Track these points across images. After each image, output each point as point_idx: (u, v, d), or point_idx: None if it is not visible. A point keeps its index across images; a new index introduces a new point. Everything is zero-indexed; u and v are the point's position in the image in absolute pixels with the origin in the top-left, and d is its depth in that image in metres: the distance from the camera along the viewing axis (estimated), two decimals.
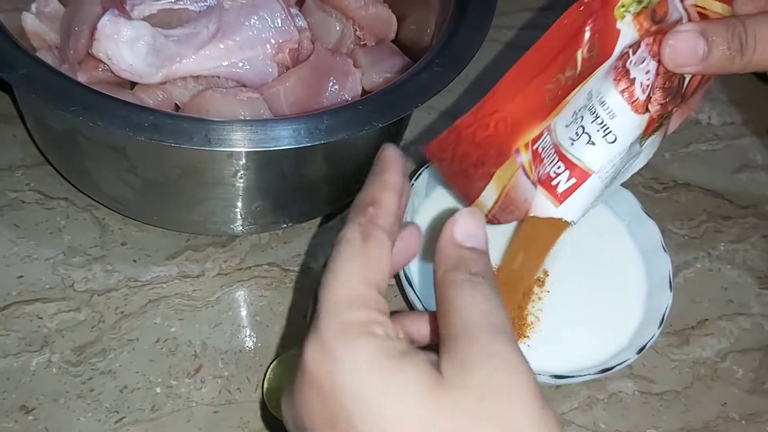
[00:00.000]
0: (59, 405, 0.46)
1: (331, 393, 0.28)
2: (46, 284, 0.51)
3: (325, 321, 0.29)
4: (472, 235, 0.32)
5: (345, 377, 0.28)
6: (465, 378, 0.28)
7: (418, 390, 0.27)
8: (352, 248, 0.30)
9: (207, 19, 0.54)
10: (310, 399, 0.29)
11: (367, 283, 0.30)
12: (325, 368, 0.28)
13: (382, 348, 0.28)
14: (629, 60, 0.35)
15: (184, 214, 0.50)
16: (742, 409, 0.51)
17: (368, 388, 0.28)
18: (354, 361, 0.28)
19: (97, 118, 0.40)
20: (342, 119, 0.43)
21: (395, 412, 0.27)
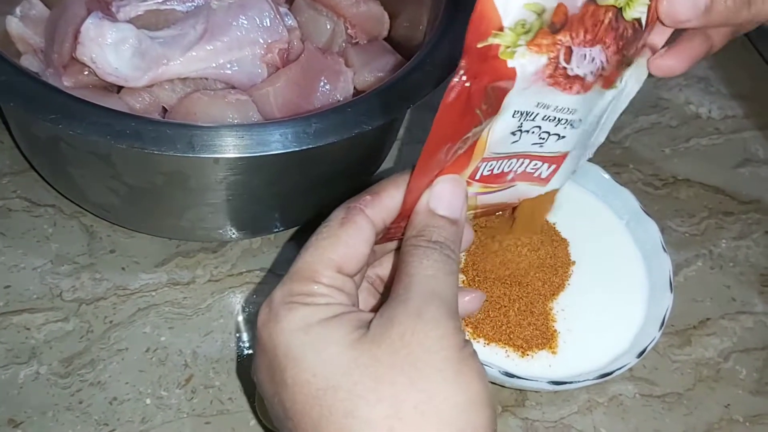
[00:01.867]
0: (48, 418, 0.45)
1: (270, 350, 0.31)
2: (33, 294, 0.50)
3: (279, 289, 0.32)
4: (446, 204, 0.33)
5: (280, 336, 0.31)
6: (385, 333, 0.30)
7: (338, 345, 0.30)
8: (327, 229, 0.33)
9: (194, 20, 0.53)
10: (258, 356, 0.33)
11: (327, 262, 0.32)
12: (267, 328, 0.31)
13: (315, 312, 0.31)
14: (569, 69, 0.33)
15: (173, 220, 0.49)
16: (746, 411, 0.50)
17: (295, 345, 0.30)
18: (290, 323, 0.31)
19: (78, 126, 0.39)
20: (331, 122, 0.42)
21: (315, 365, 0.30)
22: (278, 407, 0.31)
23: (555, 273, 0.50)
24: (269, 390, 0.32)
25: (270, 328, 0.31)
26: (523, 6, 0.29)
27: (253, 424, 0.46)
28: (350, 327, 0.30)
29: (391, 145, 0.56)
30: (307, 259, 0.32)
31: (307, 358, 0.30)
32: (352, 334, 0.30)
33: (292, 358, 0.30)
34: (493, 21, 0.29)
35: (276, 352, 0.31)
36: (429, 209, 0.33)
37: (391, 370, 0.29)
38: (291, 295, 0.32)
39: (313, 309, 0.31)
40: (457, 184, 0.34)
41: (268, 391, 0.32)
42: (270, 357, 0.31)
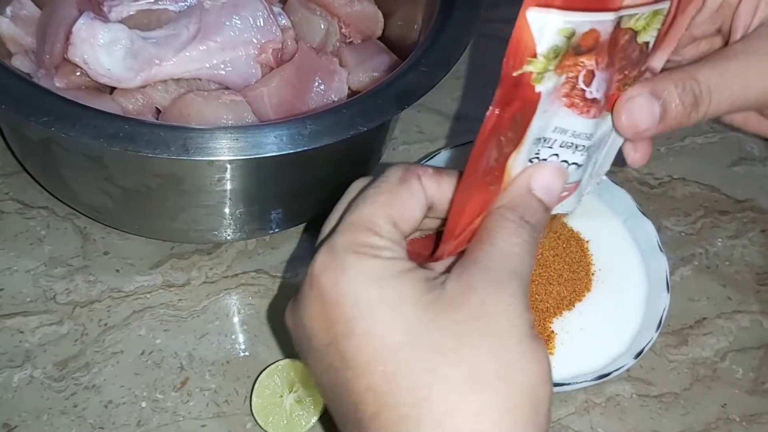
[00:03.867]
0: (42, 422, 0.45)
1: (334, 299, 0.30)
2: (27, 297, 0.50)
3: (341, 236, 0.31)
4: (546, 188, 0.33)
5: (348, 285, 0.30)
6: (466, 297, 0.29)
7: (414, 303, 0.29)
8: (386, 185, 0.32)
9: (187, 20, 0.53)
10: (312, 304, 0.31)
11: (387, 217, 0.32)
12: (331, 276, 0.30)
13: (386, 266, 0.30)
14: (587, 92, 0.33)
15: (167, 222, 0.49)
16: (742, 410, 0.50)
17: (369, 297, 0.29)
18: (359, 273, 0.30)
19: (70, 129, 0.38)
20: (326, 124, 0.42)
21: (392, 319, 0.29)
22: (334, 357, 0.30)
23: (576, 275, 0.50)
24: (323, 339, 0.31)
25: (335, 276, 0.30)
26: (557, 32, 0.29)
27: (249, 427, 0.46)
28: (423, 286, 0.30)
29: (386, 145, 0.56)
30: (366, 211, 0.32)
31: (382, 313, 0.29)
32: (426, 294, 0.30)
33: (363, 309, 0.29)
34: (528, 48, 0.29)
35: (342, 301, 0.30)
36: (528, 188, 0.33)
37: (471, 334, 0.29)
38: (355, 244, 0.31)
39: (382, 262, 0.30)
40: (560, 175, 0.34)
41: (321, 340, 0.31)
42: (331, 305, 0.30)
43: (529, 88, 0.30)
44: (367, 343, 0.29)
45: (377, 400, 0.29)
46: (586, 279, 0.51)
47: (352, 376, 0.30)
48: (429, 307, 0.29)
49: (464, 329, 0.29)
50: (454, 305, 0.29)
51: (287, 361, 0.48)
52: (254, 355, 0.49)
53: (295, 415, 0.46)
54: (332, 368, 0.31)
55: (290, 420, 0.45)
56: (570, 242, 0.52)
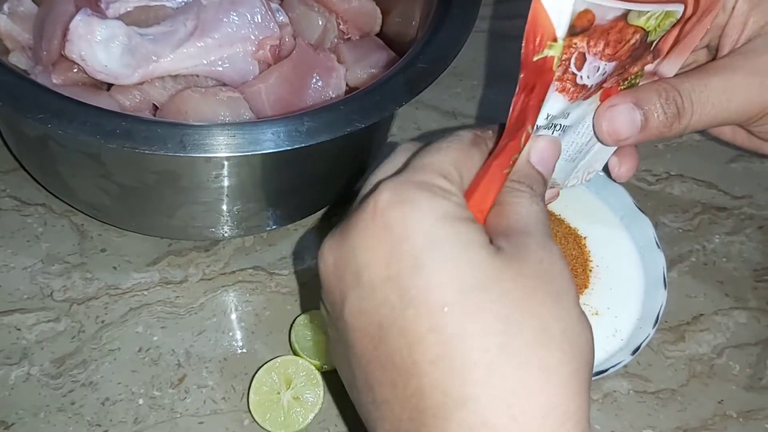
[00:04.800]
0: (39, 419, 0.45)
1: (401, 231, 0.29)
2: (24, 294, 0.50)
3: (412, 173, 0.30)
4: (543, 161, 0.34)
5: (419, 220, 0.29)
6: (524, 255, 0.29)
7: (485, 249, 0.29)
8: (459, 143, 0.32)
9: (184, 17, 0.53)
10: (374, 236, 0.29)
11: (457, 167, 0.31)
12: (400, 209, 0.29)
13: (455, 209, 0.29)
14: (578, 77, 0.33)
15: (164, 219, 0.49)
16: (739, 406, 0.50)
17: (440, 234, 0.28)
18: (430, 210, 0.29)
19: (67, 126, 0.38)
20: (323, 121, 0.42)
21: (463, 260, 0.28)
22: (391, 292, 0.28)
23: (573, 272, 0.50)
24: (381, 273, 0.29)
25: (404, 209, 0.29)
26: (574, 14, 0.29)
27: (247, 424, 0.46)
28: (487, 237, 0.30)
29: (383, 141, 0.56)
30: (440, 158, 0.31)
31: (456, 251, 0.28)
32: (490, 246, 0.29)
33: (434, 246, 0.28)
34: (547, 32, 0.29)
35: (411, 236, 0.28)
36: (528, 161, 0.34)
37: (537, 290, 0.29)
38: (428, 183, 0.30)
39: (452, 204, 0.29)
40: (554, 146, 0.35)
41: (377, 274, 0.29)
42: (397, 239, 0.29)
43: (550, 72, 0.30)
44: (436, 281, 0.28)
45: (443, 343, 0.27)
46: (583, 275, 0.51)
47: (414, 315, 0.28)
48: (497, 256, 0.29)
49: (531, 284, 0.29)
50: (518, 259, 0.29)
51: (284, 358, 0.48)
52: (251, 352, 0.49)
53: (293, 412, 0.46)
54: (386, 305, 0.29)
55: (288, 416, 0.45)
56: (568, 239, 0.52)
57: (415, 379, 0.28)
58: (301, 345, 0.48)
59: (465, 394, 0.27)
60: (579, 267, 0.51)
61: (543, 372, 0.27)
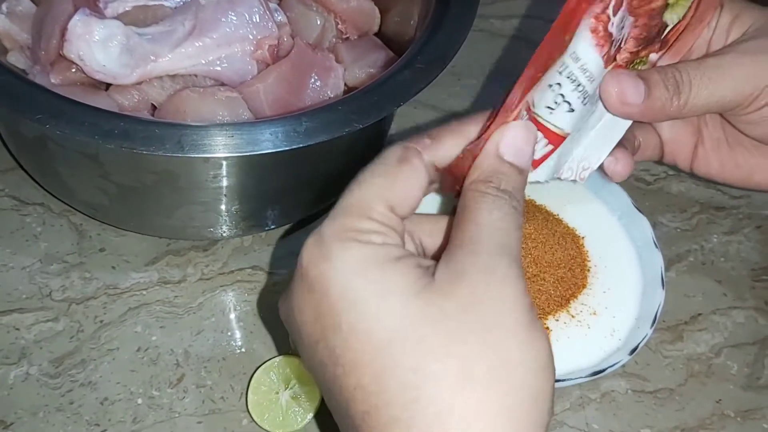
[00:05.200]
0: (38, 419, 0.45)
1: (320, 290, 0.29)
2: (22, 294, 0.50)
3: (330, 223, 0.30)
4: (517, 150, 0.32)
5: (334, 276, 0.28)
6: (455, 286, 0.28)
7: (402, 294, 0.28)
8: (384, 167, 0.31)
9: (183, 16, 0.53)
10: (302, 295, 0.30)
11: (382, 199, 0.30)
12: (317, 266, 0.29)
13: (375, 254, 0.29)
14: (610, 23, 0.33)
15: (163, 219, 0.49)
16: (737, 406, 0.50)
17: (355, 288, 0.28)
18: (345, 263, 0.28)
19: (65, 126, 0.38)
20: (322, 121, 0.42)
21: (378, 313, 0.28)
22: (323, 352, 0.29)
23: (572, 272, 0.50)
24: (312, 334, 0.29)
25: (321, 267, 0.29)
26: None
27: (245, 423, 0.46)
28: (413, 274, 0.28)
29: (381, 141, 0.56)
30: (361, 194, 0.30)
31: (369, 305, 0.28)
32: (416, 282, 0.28)
33: (349, 302, 0.28)
34: None
35: (328, 293, 0.28)
36: (497, 154, 0.31)
37: (461, 327, 0.27)
38: (344, 230, 0.29)
39: (370, 249, 0.29)
40: (528, 131, 0.32)
41: (310, 335, 0.29)
42: (318, 298, 0.29)
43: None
44: (354, 339, 0.28)
45: (366, 399, 0.28)
46: (581, 275, 0.51)
47: (342, 373, 0.28)
48: (419, 296, 0.28)
49: (455, 322, 0.27)
50: (444, 295, 0.28)
51: (283, 357, 0.48)
52: (250, 352, 0.49)
53: (291, 412, 0.46)
54: (323, 364, 0.29)
55: (286, 416, 0.45)
56: (565, 238, 0.52)
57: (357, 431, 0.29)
58: None
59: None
60: (577, 267, 0.51)
61: (461, 420, 0.27)
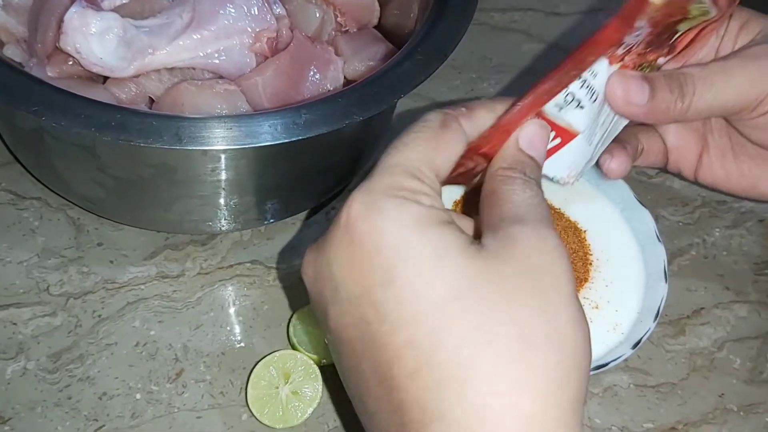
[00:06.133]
0: (36, 414, 0.45)
1: (370, 245, 0.28)
2: (20, 288, 0.50)
3: (378, 179, 0.29)
4: (534, 145, 0.34)
5: (388, 231, 0.28)
6: (509, 251, 0.28)
7: (460, 253, 0.28)
8: (428, 129, 0.31)
9: (180, 8, 0.52)
10: (347, 250, 0.29)
11: (427, 162, 0.30)
12: (369, 221, 0.28)
13: (427, 214, 0.29)
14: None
15: (161, 213, 0.48)
16: (740, 400, 0.50)
17: (411, 244, 0.28)
18: (399, 219, 0.28)
19: (61, 118, 0.38)
20: (321, 113, 0.41)
21: (436, 269, 0.27)
22: (366, 309, 0.28)
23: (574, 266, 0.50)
24: (354, 289, 0.28)
25: (374, 220, 0.28)
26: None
27: (245, 419, 0.46)
28: (465, 238, 0.28)
29: (382, 134, 0.55)
30: (408, 155, 0.30)
31: (427, 261, 0.27)
32: (470, 245, 0.28)
33: (404, 257, 0.27)
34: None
35: (380, 247, 0.28)
36: (518, 146, 0.33)
37: (520, 291, 0.27)
38: (396, 188, 0.29)
39: (423, 209, 0.29)
40: (543, 130, 0.34)
41: (351, 291, 0.29)
42: (368, 252, 0.28)
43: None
44: (409, 294, 0.27)
45: (418, 357, 0.27)
46: (583, 269, 0.50)
47: (389, 330, 0.27)
48: (475, 258, 0.28)
49: (513, 285, 0.27)
50: (500, 259, 0.28)
51: (283, 351, 0.47)
52: (249, 347, 0.49)
53: (291, 406, 0.45)
54: (363, 321, 0.28)
55: (286, 411, 0.45)
56: (567, 232, 0.51)
57: (396, 393, 0.28)
58: (299, 339, 0.48)
59: (440, 409, 0.27)
60: (579, 260, 0.50)
61: (518, 384, 0.27)
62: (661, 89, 0.38)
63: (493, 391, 0.26)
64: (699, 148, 0.46)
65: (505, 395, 0.26)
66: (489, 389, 0.26)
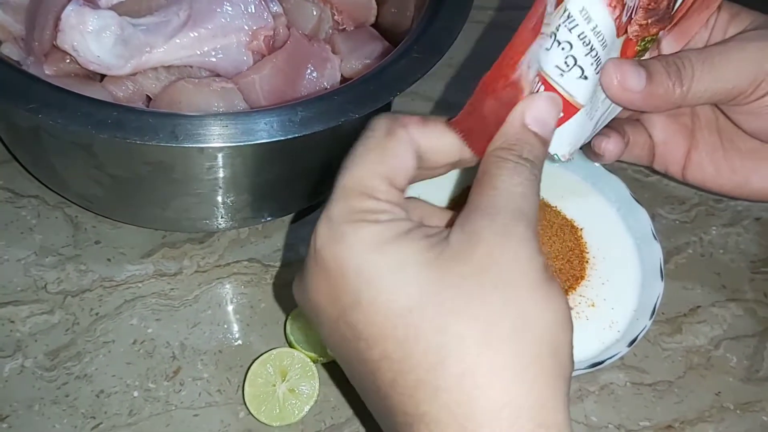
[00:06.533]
0: (34, 412, 0.45)
1: (336, 271, 0.30)
2: (17, 286, 0.50)
3: (335, 205, 0.30)
4: (540, 120, 0.33)
5: (350, 256, 0.29)
6: (471, 249, 0.29)
7: (418, 263, 0.29)
8: (373, 140, 0.32)
9: (177, 7, 0.52)
10: (317, 278, 0.31)
11: (379, 175, 0.31)
12: (331, 248, 0.30)
13: (385, 230, 0.29)
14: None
15: (158, 211, 0.48)
16: (736, 398, 0.50)
17: (371, 264, 0.29)
18: (358, 242, 0.29)
19: (58, 116, 0.38)
20: (317, 111, 0.41)
21: (397, 283, 0.28)
22: (345, 329, 0.30)
23: (570, 264, 0.50)
24: (332, 313, 0.30)
25: (335, 248, 0.30)
26: None
27: (242, 416, 0.46)
28: (425, 244, 0.29)
29: None
30: (358, 174, 0.31)
31: (386, 279, 0.29)
32: (429, 251, 0.29)
33: (366, 278, 0.29)
34: None
35: (344, 273, 0.29)
36: (523, 123, 0.32)
37: (481, 289, 0.28)
38: (352, 212, 0.30)
39: (381, 226, 0.29)
40: (554, 104, 0.33)
41: (329, 314, 0.30)
42: (335, 278, 0.30)
43: None
44: (375, 312, 0.29)
45: (392, 367, 0.29)
46: (579, 267, 0.50)
47: (365, 347, 0.29)
48: (434, 264, 0.29)
49: (473, 284, 0.28)
50: (460, 259, 0.29)
51: (280, 349, 0.47)
52: (247, 345, 0.49)
53: (288, 404, 0.45)
54: (345, 340, 0.30)
55: (283, 409, 0.45)
56: (564, 230, 0.52)
57: (383, 401, 0.30)
58: (296, 337, 0.48)
59: (419, 411, 0.28)
60: (575, 258, 0.51)
61: (486, 378, 0.27)
62: (658, 73, 0.38)
63: (463, 387, 0.28)
64: (687, 144, 0.46)
65: (473, 390, 0.27)
66: (459, 387, 0.28)
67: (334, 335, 0.31)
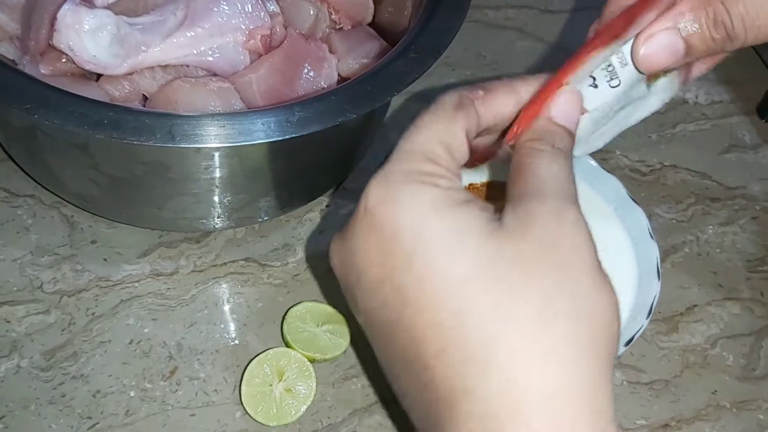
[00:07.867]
0: (30, 412, 0.45)
1: (389, 231, 0.29)
2: (13, 286, 0.49)
3: (395, 166, 0.30)
4: (566, 114, 0.33)
5: (406, 217, 0.28)
6: (528, 229, 0.28)
7: (477, 234, 0.28)
8: (442, 111, 0.32)
9: (174, 6, 0.52)
10: (367, 237, 0.29)
11: (443, 144, 0.31)
12: (387, 208, 0.29)
13: (444, 196, 0.29)
14: None
15: (154, 211, 0.48)
16: (733, 397, 0.50)
17: (429, 228, 0.28)
18: (416, 203, 0.29)
19: (54, 116, 0.38)
20: (314, 111, 0.41)
21: (455, 251, 0.28)
22: (389, 293, 0.29)
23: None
24: (377, 274, 0.29)
25: (390, 208, 0.29)
26: None
27: (239, 416, 0.46)
28: (483, 217, 0.29)
29: (376, 132, 0.55)
30: (422, 138, 0.31)
31: (444, 244, 0.28)
32: (488, 224, 0.28)
33: (423, 241, 0.28)
34: None
35: (399, 233, 0.28)
36: (549, 116, 0.33)
37: (539, 266, 0.28)
38: (412, 172, 0.29)
39: (439, 191, 0.29)
40: (576, 99, 0.34)
41: (373, 276, 0.29)
42: (387, 239, 0.29)
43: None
44: (429, 277, 0.28)
45: (442, 337, 0.28)
46: None
47: (412, 313, 0.28)
48: (492, 237, 0.28)
49: (531, 261, 0.28)
50: (518, 236, 0.28)
51: (277, 349, 0.47)
52: (243, 344, 0.49)
53: (285, 404, 0.45)
54: (387, 305, 0.29)
55: (280, 409, 0.45)
56: None
57: (424, 372, 0.28)
58: (293, 337, 0.48)
59: (466, 386, 0.27)
60: None
61: (539, 358, 0.27)
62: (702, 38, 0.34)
63: (516, 366, 0.27)
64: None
65: (527, 370, 0.27)
66: (512, 365, 0.27)
67: (375, 299, 0.30)
